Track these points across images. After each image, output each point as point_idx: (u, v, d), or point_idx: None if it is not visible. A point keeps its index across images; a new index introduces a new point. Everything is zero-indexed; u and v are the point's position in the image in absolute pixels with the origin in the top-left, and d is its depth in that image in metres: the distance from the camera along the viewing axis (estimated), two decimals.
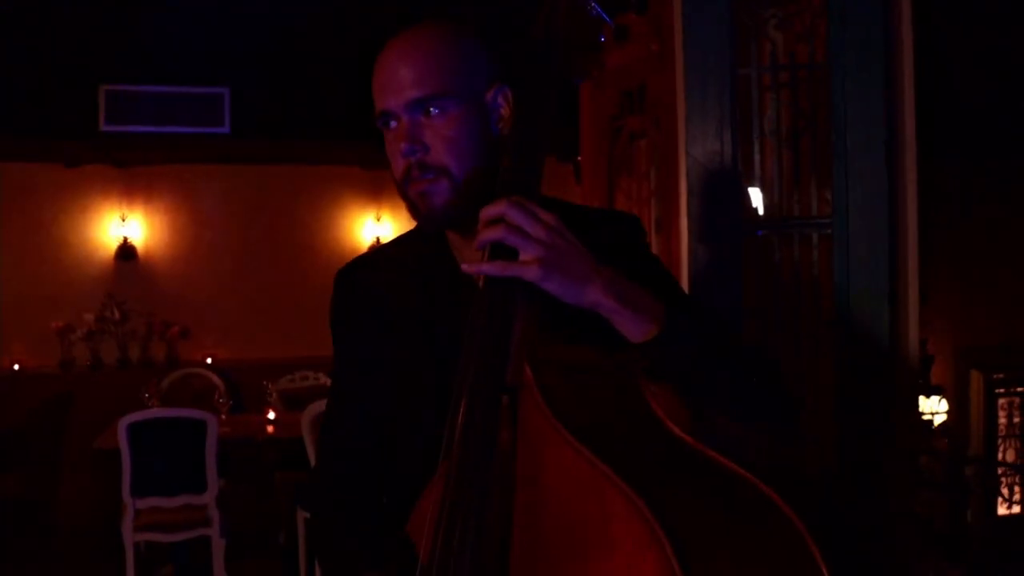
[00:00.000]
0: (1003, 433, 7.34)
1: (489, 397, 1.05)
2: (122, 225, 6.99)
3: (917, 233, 2.73)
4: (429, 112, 1.22)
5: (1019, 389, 7.92)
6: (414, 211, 1.28)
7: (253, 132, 5.88)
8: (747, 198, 2.98)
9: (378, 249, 1.54)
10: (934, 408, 6.32)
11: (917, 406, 2.68)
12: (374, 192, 7.41)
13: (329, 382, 1.58)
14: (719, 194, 2.82)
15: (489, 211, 1.08)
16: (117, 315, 6.69)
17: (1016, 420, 7.47)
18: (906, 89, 2.80)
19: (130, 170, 7.08)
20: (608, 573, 0.96)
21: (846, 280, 2.62)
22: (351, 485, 1.44)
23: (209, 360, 6.85)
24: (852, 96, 2.73)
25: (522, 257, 1.06)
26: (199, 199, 7.22)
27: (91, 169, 7.02)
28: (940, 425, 6.16)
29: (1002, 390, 7.82)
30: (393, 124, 1.25)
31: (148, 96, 5.61)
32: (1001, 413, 7.55)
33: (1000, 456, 6.86)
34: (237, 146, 6.41)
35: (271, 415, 5.62)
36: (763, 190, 2.93)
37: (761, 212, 2.94)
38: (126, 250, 6.96)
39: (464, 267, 1.10)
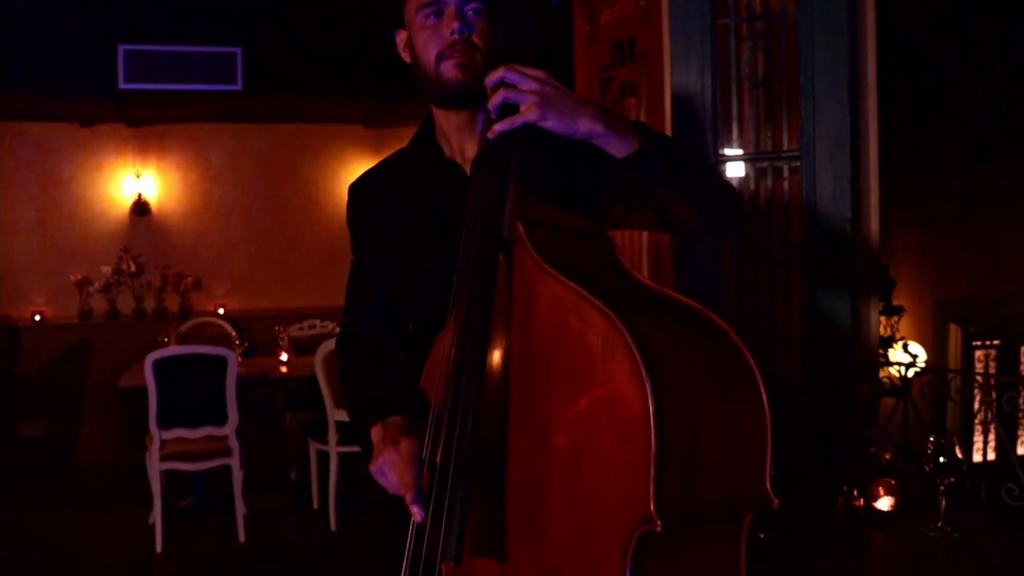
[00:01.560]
0: (979, 383, 7.65)
1: (490, 248, 1.36)
2: (136, 182, 7.27)
3: (878, 166, 3.03)
4: (470, 11, 1.53)
5: (995, 342, 8.22)
6: (438, 86, 1.56)
7: (264, 89, 6.13)
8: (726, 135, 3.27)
9: (381, 161, 1.85)
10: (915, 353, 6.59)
11: (878, 320, 2.98)
12: (375, 149, 7.66)
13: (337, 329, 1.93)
14: (700, 132, 3.12)
15: (491, 77, 1.37)
16: (133, 268, 6.98)
17: (992, 371, 7.77)
18: (868, 37, 3.09)
19: (143, 129, 7.35)
20: (586, 374, 1.26)
21: (813, 206, 2.92)
22: (372, 339, 1.76)
23: (221, 310, 7.15)
24: (819, 43, 3.03)
25: (522, 108, 1.35)
26: (209, 157, 7.49)
27: (105, 128, 7.29)
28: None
29: (978, 343, 8.13)
30: (436, 18, 1.54)
31: (165, 55, 5.86)
32: (978, 365, 7.86)
33: (976, 405, 7.15)
34: (249, 104, 6.67)
35: (283, 356, 5.93)
36: (739, 127, 3.22)
37: (738, 147, 3.24)
38: (140, 206, 7.24)
39: (489, 134, 1.39)
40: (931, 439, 2.29)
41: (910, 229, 7.54)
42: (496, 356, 1.39)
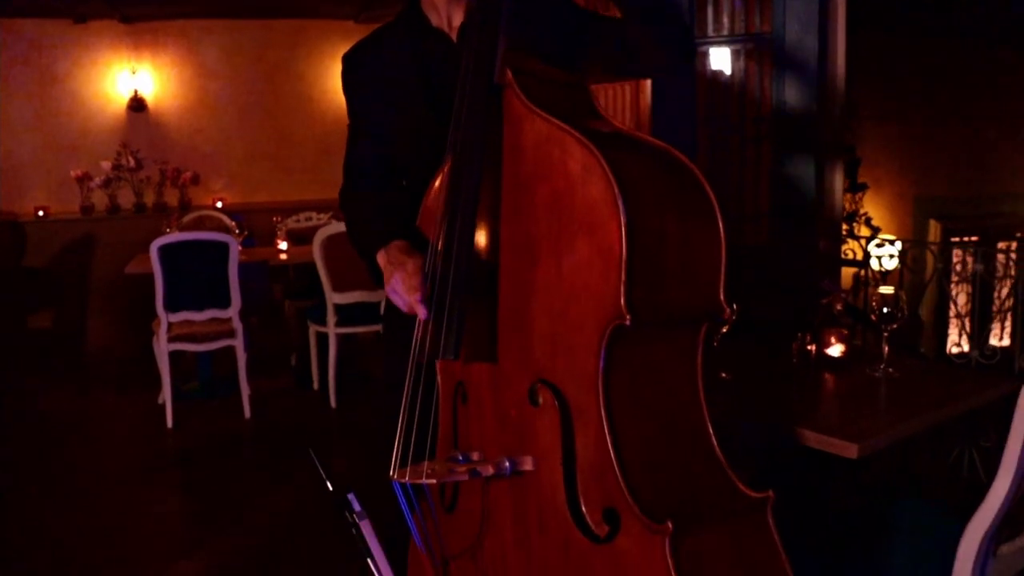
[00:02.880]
0: (955, 279, 7.93)
1: (482, 92, 1.58)
2: (132, 78, 7.37)
3: (844, 48, 3.22)
4: None
5: (974, 238, 8.48)
6: None
7: None
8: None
9: (371, 33, 2.02)
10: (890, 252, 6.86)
11: (842, 189, 3.21)
12: None
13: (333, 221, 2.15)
14: (676, 16, 3.29)
15: None
16: (132, 163, 7.13)
17: (970, 268, 8.05)
18: None
19: (137, 26, 7.41)
20: (566, 196, 1.48)
21: (782, 83, 3.13)
22: (371, 191, 1.98)
23: (219, 204, 7.34)
24: None
25: None
26: (204, 53, 7.58)
27: (98, 25, 7.35)
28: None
29: (956, 239, 8.39)
30: None
31: None
32: (955, 259, 8.12)
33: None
34: None
35: (282, 245, 6.15)
36: (714, 11, 3.40)
37: (711, 30, 3.42)
38: (137, 102, 7.36)
39: None
40: (878, 291, 2.54)
41: (892, 125, 7.75)
42: (487, 187, 1.61)
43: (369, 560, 1.65)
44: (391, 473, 1.64)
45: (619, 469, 1.44)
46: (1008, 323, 5.97)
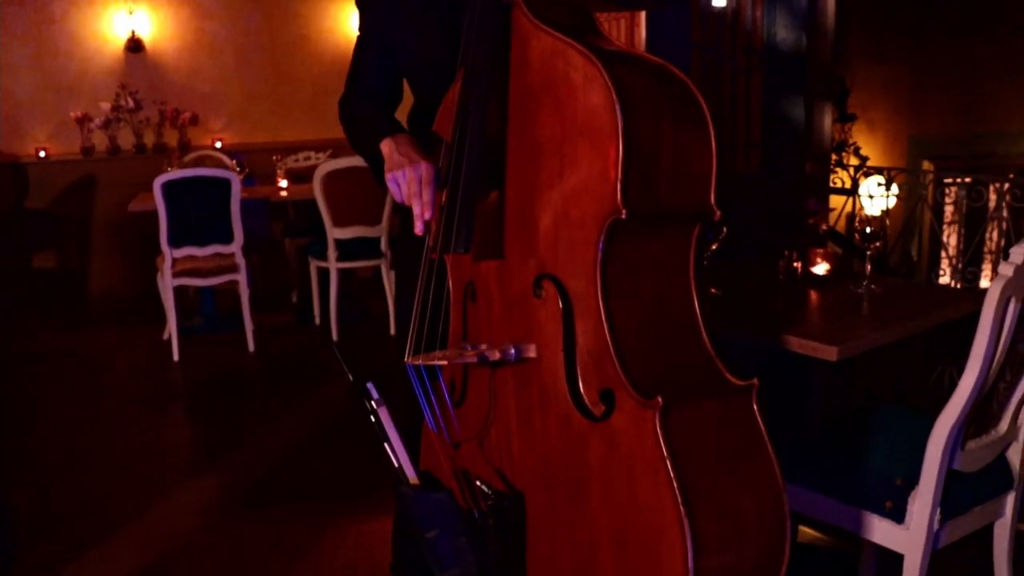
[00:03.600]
0: (948, 220, 8.06)
1: (492, 10, 1.69)
2: (129, 18, 7.39)
3: None
4: None
5: (966, 180, 8.60)
6: None
7: None
8: None
9: None
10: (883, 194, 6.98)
11: (831, 119, 3.32)
12: None
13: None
14: None
15: None
16: (131, 104, 7.18)
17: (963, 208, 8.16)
18: None
19: None
20: (569, 103, 1.60)
21: (773, 16, 3.23)
22: (373, 99, 2.07)
23: (218, 144, 7.40)
24: None
25: None
26: None
27: None
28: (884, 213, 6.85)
29: (949, 180, 8.50)
30: None
31: None
32: (947, 199, 8.23)
33: (943, 240, 7.58)
34: None
35: (282, 183, 6.25)
36: None
37: None
38: (134, 43, 7.38)
39: None
40: (861, 212, 2.67)
41: (887, 66, 7.82)
42: (496, 98, 1.73)
43: (386, 444, 1.80)
44: (406, 358, 1.78)
45: (615, 353, 1.58)
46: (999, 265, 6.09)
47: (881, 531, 2.16)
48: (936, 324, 2.47)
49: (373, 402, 1.76)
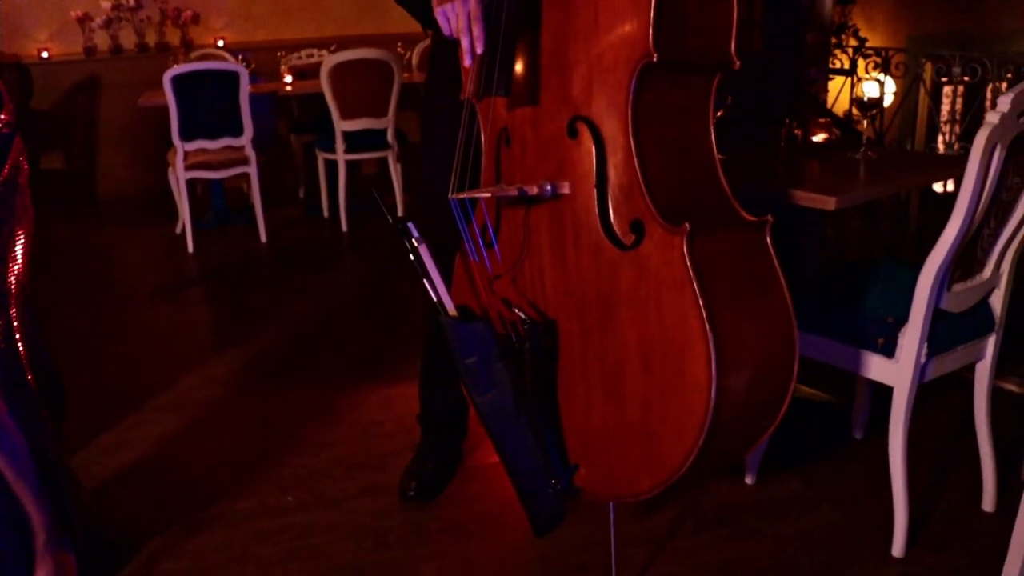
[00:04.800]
0: (945, 119, 8.17)
1: None
2: None
3: None
4: None
5: (965, 79, 8.66)
6: None
7: None
8: None
9: None
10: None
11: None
12: None
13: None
14: None
15: None
16: (131, 2, 7.19)
17: (959, 108, 8.25)
18: None
19: None
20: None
21: None
22: None
23: (220, 43, 7.44)
24: None
25: None
26: None
27: None
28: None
29: (946, 79, 8.57)
30: None
31: None
32: (945, 101, 8.31)
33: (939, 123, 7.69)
34: None
35: (287, 78, 6.33)
36: None
37: None
38: None
39: None
40: (858, 85, 2.84)
41: None
42: None
43: (425, 280, 1.98)
44: (450, 194, 1.95)
45: (644, 186, 1.76)
46: None
47: (874, 366, 2.37)
48: (929, 183, 2.65)
49: (414, 239, 1.93)
